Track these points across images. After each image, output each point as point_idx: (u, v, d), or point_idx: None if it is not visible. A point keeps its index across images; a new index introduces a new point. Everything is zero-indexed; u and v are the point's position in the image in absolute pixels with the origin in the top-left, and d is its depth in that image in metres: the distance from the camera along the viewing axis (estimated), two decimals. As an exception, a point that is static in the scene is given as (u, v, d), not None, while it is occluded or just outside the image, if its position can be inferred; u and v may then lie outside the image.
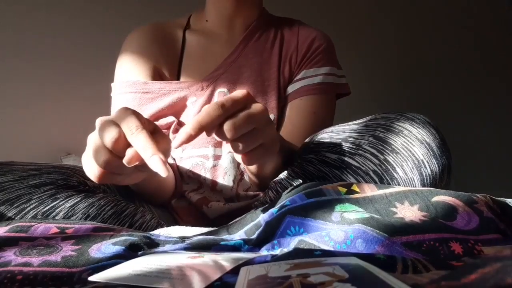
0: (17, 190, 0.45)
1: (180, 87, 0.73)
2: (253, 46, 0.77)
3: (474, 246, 0.33)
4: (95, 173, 0.40)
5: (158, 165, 0.35)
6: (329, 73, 0.75)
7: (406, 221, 0.35)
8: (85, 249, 0.35)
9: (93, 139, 0.39)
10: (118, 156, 0.38)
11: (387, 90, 1.79)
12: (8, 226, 0.38)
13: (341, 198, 0.40)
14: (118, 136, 0.37)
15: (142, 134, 0.36)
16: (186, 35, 0.80)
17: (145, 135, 0.36)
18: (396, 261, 0.28)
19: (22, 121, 1.41)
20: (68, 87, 1.46)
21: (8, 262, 0.31)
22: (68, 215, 0.46)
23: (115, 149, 0.37)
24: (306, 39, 0.77)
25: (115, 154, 0.38)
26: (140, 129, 0.37)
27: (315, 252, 0.31)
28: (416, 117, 0.49)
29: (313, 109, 0.73)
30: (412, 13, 1.88)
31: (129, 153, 0.37)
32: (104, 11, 1.52)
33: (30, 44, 1.43)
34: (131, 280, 0.27)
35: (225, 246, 0.39)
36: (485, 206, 0.38)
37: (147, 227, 0.52)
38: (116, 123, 0.38)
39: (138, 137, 0.36)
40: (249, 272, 0.27)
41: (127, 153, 0.37)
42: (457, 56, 1.91)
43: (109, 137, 0.37)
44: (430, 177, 0.46)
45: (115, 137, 0.37)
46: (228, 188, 0.69)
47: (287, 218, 0.39)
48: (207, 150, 0.70)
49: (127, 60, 0.75)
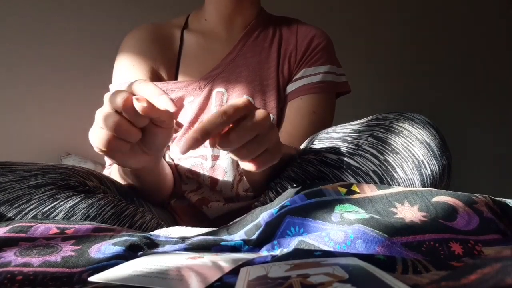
0: (17, 191, 0.45)
1: (177, 87, 0.73)
2: (251, 45, 0.77)
3: (474, 246, 0.33)
4: (103, 139, 0.41)
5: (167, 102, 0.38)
6: (329, 71, 0.75)
7: (406, 222, 0.35)
8: (85, 249, 0.35)
9: (102, 109, 0.41)
10: (128, 120, 0.40)
11: (387, 90, 1.79)
12: (8, 227, 0.38)
13: (341, 199, 0.40)
14: (127, 95, 0.40)
15: (150, 84, 0.40)
16: (184, 35, 0.80)
17: (153, 85, 0.39)
18: (396, 261, 0.28)
19: (22, 121, 1.41)
20: (68, 87, 1.46)
21: (8, 263, 0.31)
22: (68, 216, 0.46)
23: (125, 106, 0.39)
24: (306, 37, 0.77)
25: (124, 117, 0.40)
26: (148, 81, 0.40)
27: (315, 253, 0.31)
28: (416, 117, 0.49)
29: (313, 108, 0.73)
30: (412, 12, 1.88)
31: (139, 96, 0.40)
32: (104, 11, 1.52)
33: (30, 45, 1.43)
34: (131, 280, 0.27)
35: (225, 246, 0.39)
36: (485, 206, 0.38)
37: (147, 228, 0.52)
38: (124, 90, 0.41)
39: (147, 85, 0.39)
40: (249, 273, 0.27)
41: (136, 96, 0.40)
42: (457, 56, 1.91)
43: (119, 98, 0.39)
44: (430, 177, 0.46)
45: (124, 96, 0.39)
46: (228, 188, 0.69)
47: (287, 218, 0.39)
48: (205, 150, 0.70)
49: (125, 61, 0.75)
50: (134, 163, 0.46)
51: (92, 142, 0.42)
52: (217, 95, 0.73)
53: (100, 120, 0.40)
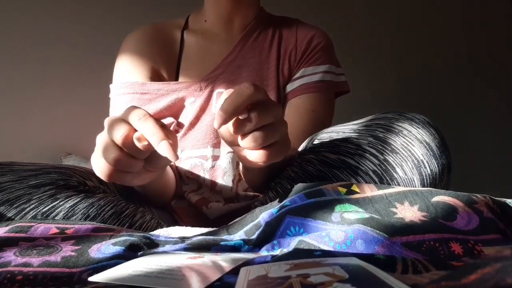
0: (17, 191, 0.45)
1: (178, 88, 0.73)
2: (251, 46, 0.77)
3: (474, 246, 0.33)
4: (104, 172, 0.40)
5: (168, 150, 0.35)
6: (328, 71, 0.75)
7: (406, 221, 0.35)
8: (85, 249, 0.35)
9: (102, 137, 0.40)
10: (128, 154, 0.39)
11: (387, 90, 1.79)
12: (8, 227, 0.38)
13: (341, 199, 0.40)
14: (127, 131, 0.38)
15: (150, 120, 0.37)
16: (185, 35, 0.80)
17: (152, 121, 0.37)
18: (396, 261, 0.28)
19: (22, 121, 1.41)
20: (68, 87, 1.46)
21: (8, 263, 0.31)
22: (68, 216, 0.46)
23: (124, 144, 0.38)
24: (305, 37, 0.77)
25: (124, 151, 0.38)
26: (147, 116, 0.38)
27: (315, 253, 0.31)
28: (415, 117, 0.49)
29: (312, 107, 0.73)
30: (412, 12, 1.88)
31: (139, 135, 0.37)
32: (105, 11, 1.52)
33: (30, 45, 1.43)
34: (131, 280, 0.27)
35: (225, 246, 0.39)
36: (485, 206, 0.38)
37: (147, 228, 0.52)
38: (124, 120, 0.39)
39: (146, 123, 0.37)
40: (249, 273, 0.27)
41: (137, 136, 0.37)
42: (457, 56, 1.91)
43: (119, 133, 0.38)
44: (430, 177, 0.46)
45: (124, 132, 0.37)
46: (228, 189, 0.69)
47: (287, 218, 0.39)
48: (206, 150, 0.70)
49: (125, 61, 0.75)
50: (138, 182, 0.44)
51: (95, 170, 0.42)
52: (217, 96, 0.73)
53: (100, 150, 0.40)
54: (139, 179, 0.44)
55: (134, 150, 0.38)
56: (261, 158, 0.41)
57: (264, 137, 0.40)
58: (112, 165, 0.39)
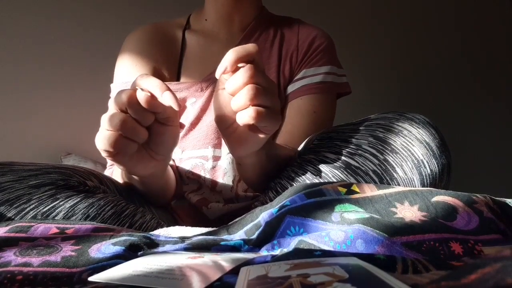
0: (17, 191, 0.45)
1: (179, 88, 0.73)
2: None
3: (474, 246, 0.33)
4: (110, 140, 0.42)
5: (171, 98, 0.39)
6: (329, 72, 0.75)
7: (406, 221, 0.35)
8: (85, 249, 0.35)
9: (106, 113, 0.42)
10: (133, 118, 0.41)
11: (387, 90, 1.79)
12: (8, 227, 0.38)
13: (341, 198, 0.40)
14: (131, 92, 0.41)
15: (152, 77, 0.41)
16: (186, 35, 0.80)
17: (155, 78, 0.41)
18: (396, 261, 0.28)
19: (22, 121, 1.41)
20: (68, 87, 1.46)
21: (8, 263, 0.31)
22: (68, 215, 0.46)
23: (130, 102, 0.40)
24: (307, 38, 0.77)
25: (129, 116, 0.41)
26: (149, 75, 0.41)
27: (315, 252, 0.31)
28: (415, 117, 0.49)
29: (313, 108, 0.73)
30: (412, 13, 1.88)
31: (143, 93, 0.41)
32: (105, 11, 1.51)
33: (30, 45, 1.43)
34: (131, 280, 0.27)
35: (225, 246, 0.39)
36: (485, 206, 0.38)
37: (147, 227, 0.52)
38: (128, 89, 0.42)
39: (150, 79, 0.40)
40: (249, 272, 0.27)
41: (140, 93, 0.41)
42: (457, 56, 1.91)
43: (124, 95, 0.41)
44: (429, 177, 0.46)
45: (129, 93, 0.41)
46: (228, 189, 0.69)
47: (287, 218, 0.39)
48: (207, 151, 0.70)
49: (126, 61, 0.75)
50: (142, 168, 0.46)
51: (99, 145, 0.43)
52: None
53: (106, 122, 0.41)
54: (142, 165, 0.45)
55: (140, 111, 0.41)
56: (251, 114, 0.41)
57: (256, 91, 0.41)
58: (118, 129, 0.41)
